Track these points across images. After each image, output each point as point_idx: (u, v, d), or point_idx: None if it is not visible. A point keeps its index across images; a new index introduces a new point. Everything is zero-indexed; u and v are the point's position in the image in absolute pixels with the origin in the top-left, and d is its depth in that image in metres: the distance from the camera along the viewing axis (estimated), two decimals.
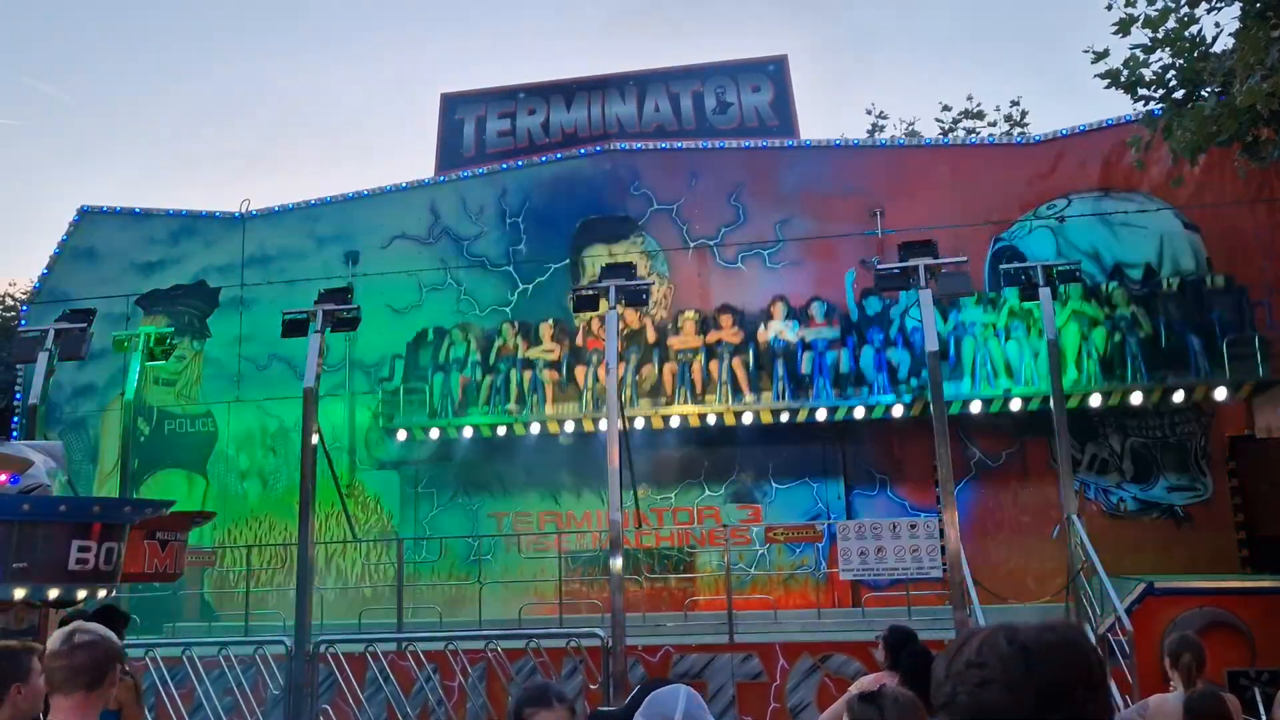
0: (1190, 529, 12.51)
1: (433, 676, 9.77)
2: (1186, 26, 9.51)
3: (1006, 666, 1.35)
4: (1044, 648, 1.36)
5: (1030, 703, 1.32)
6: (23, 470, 4.22)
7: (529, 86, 16.73)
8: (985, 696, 1.35)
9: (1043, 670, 1.34)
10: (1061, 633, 1.39)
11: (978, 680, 1.36)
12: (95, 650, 3.01)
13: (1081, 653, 1.37)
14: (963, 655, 1.40)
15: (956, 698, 1.38)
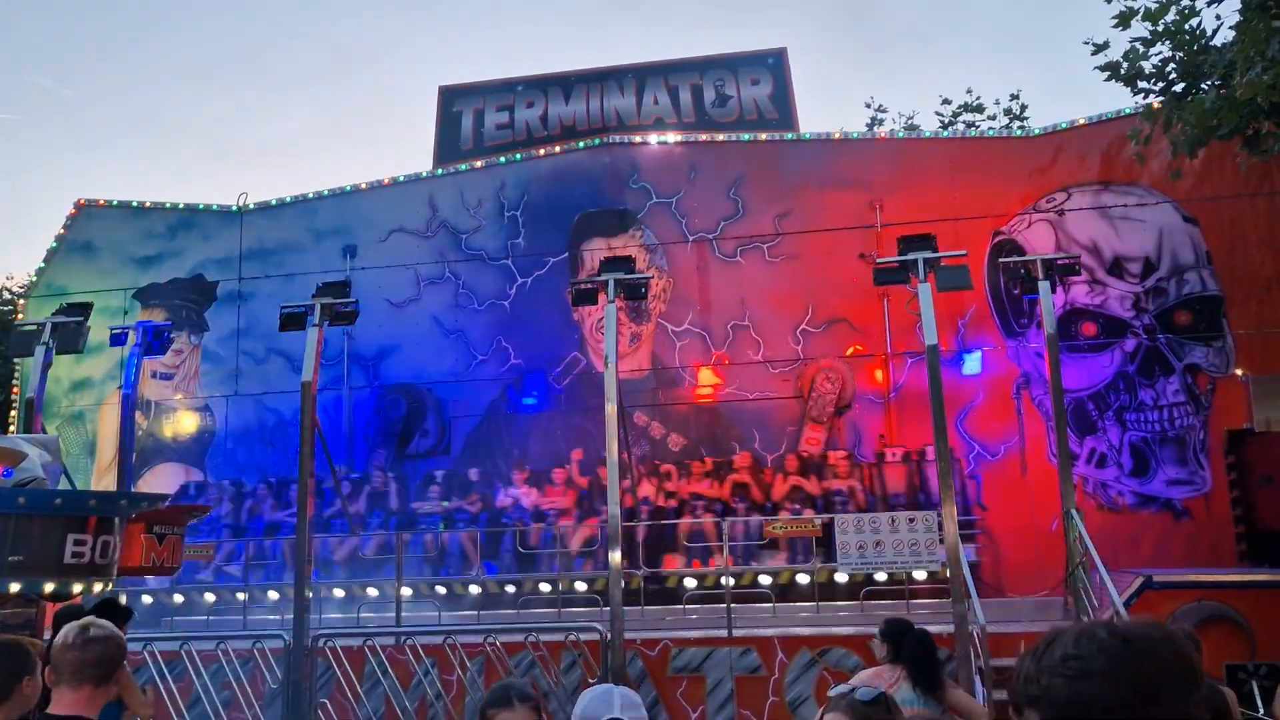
0: (1189, 522, 12.52)
1: (431, 671, 9.77)
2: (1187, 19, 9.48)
3: (1108, 657, 1.34)
4: (1145, 641, 1.36)
5: (1129, 695, 1.32)
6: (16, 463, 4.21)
7: (527, 79, 16.69)
8: (1083, 687, 1.34)
9: (1144, 663, 1.34)
10: (1162, 629, 1.40)
11: (1075, 671, 1.35)
12: (108, 646, 3.07)
13: (1183, 650, 1.37)
14: (1055, 649, 1.39)
15: (1052, 690, 1.36)
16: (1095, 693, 1.33)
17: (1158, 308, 13.05)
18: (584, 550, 12.51)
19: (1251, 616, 8.89)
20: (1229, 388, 12.70)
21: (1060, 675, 1.36)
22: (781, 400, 13.86)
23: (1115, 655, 1.34)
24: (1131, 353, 13.04)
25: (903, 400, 13.48)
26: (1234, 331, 12.84)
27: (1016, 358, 13.42)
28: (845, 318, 13.87)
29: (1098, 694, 1.33)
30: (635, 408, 13.93)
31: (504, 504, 13.27)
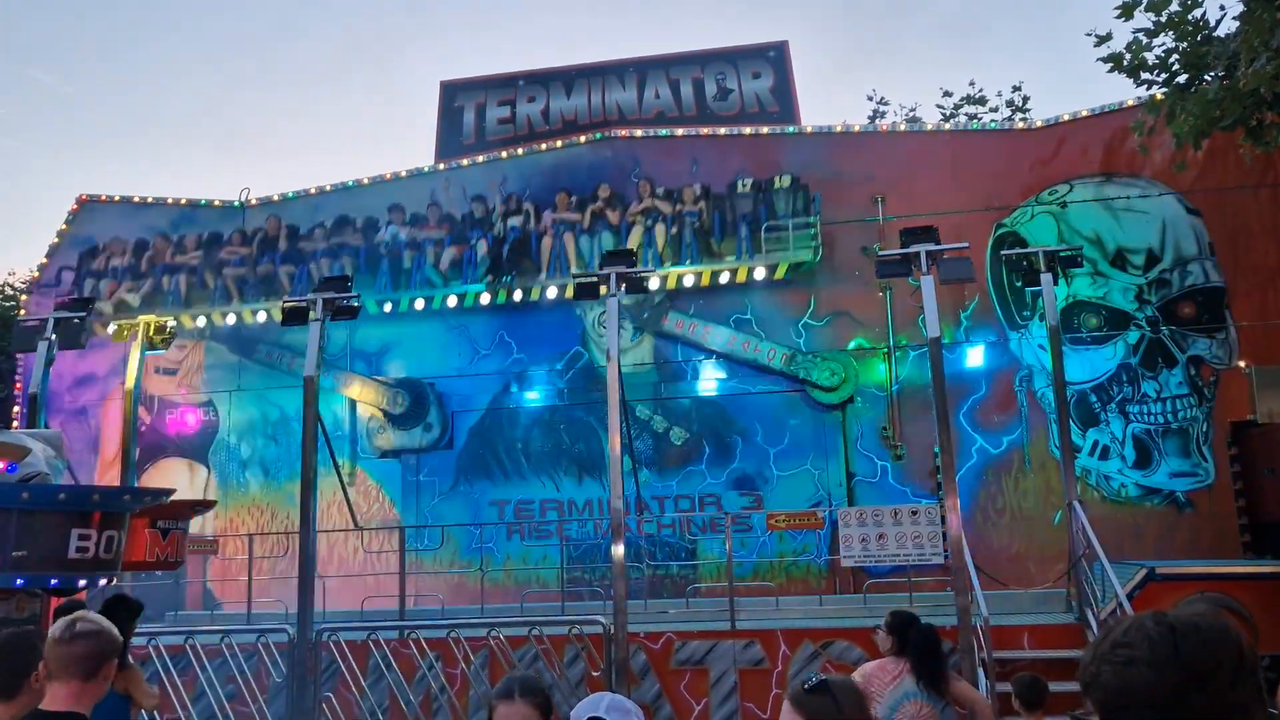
0: (1192, 514, 12.52)
1: (435, 664, 9.80)
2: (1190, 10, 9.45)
3: (1153, 646, 1.39)
4: (1191, 630, 1.39)
5: (1175, 681, 1.35)
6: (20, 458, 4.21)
7: (529, 74, 16.66)
8: (1131, 674, 1.38)
9: (1189, 651, 1.37)
10: (1210, 619, 1.43)
11: (1124, 659, 1.40)
12: (94, 641, 3.03)
13: (1230, 638, 1.39)
14: (1110, 638, 1.44)
15: (1101, 676, 1.42)
16: (1141, 679, 1.37)
17: (1161, 299, 13.04)
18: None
19: (1254, 608, 8.90)
20: (1232, 379, 12.68)
21: (1109, 663, 1.41)
22: (783, 394, 13.86)
23: (1160, 644, 1.38)
24: (1134, 345, 13.03)
25: (905, 393, 13.47)
26: (1237, 323, 12.82)
27: (1019, 350, 13.41)
28: (847, 310, 13.87)
29: (1144, 681, 1.37)
30: (637, 401, 13.93)
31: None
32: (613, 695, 2.70)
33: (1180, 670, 1.36)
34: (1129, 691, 1.38)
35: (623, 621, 9.36)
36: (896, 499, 12.57)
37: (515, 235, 14.50)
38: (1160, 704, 1.36)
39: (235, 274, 15.23)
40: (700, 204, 14.11)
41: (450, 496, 14.58)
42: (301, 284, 14.61)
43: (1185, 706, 1.35)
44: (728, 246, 13.88)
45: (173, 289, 15.35)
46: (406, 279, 14.67)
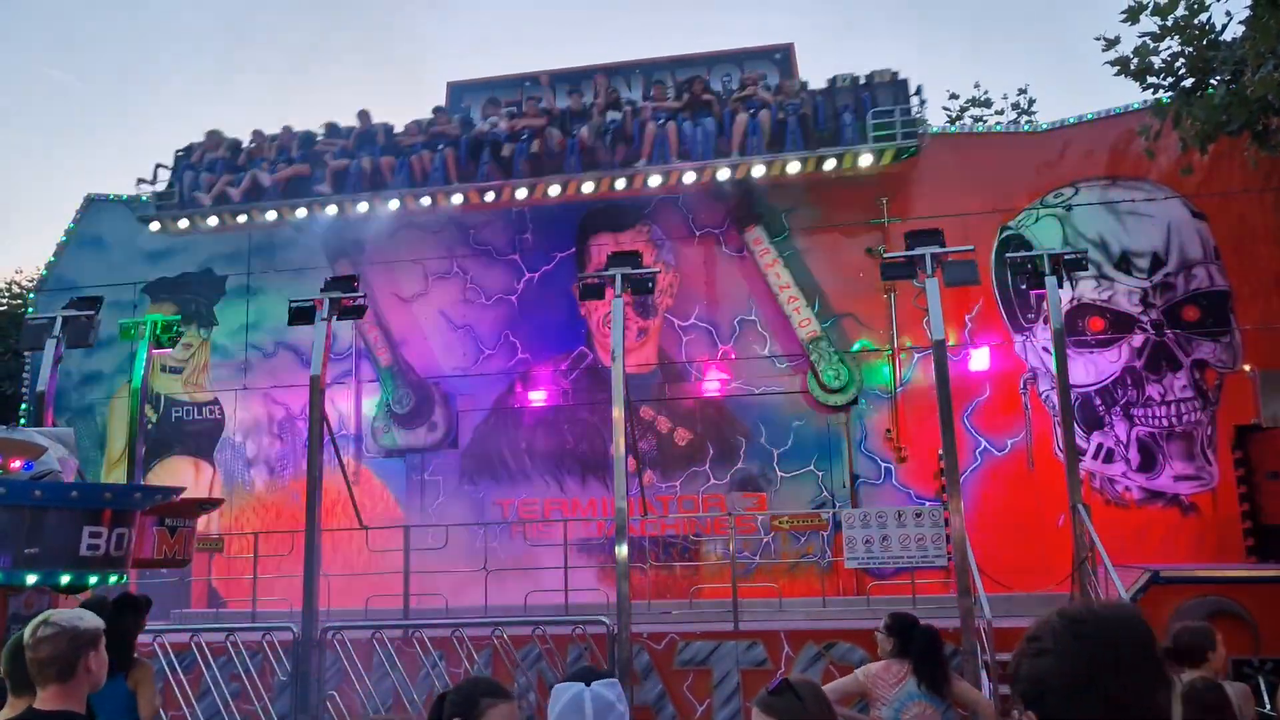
0: (1196, 517, 12.52)
1: (439, 663, 9.83)
2: (1196, 14, 9.46)
3: (1058, 637, 1.48)
4: (1093, 620, 1.48)
5: (1079, 669, 1.44)
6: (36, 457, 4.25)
7: (535, 74, 16.69)
8: (1041, 665, 1.48)
9: (1091, 640, 1.46)
10: (1113, 609, 1.51)
11: (1035, 651, 1.50)
12: (58, 642, 3.03)
13: (1131, 626, 1.47)
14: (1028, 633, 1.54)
15: (1020, 669, 1.52)
16: (1050, 669, 1.47)
17: (1165, 303, 13.05)
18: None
19: (1257, 611, 8.91)
20: (1237, 383, 12.69)
21: (1025, 655, 1.51)
22: (787, 395, 13.89)
23: (1063, 635, 1.48)
24: (1139, 348, 13.04)
25: (909, 396, 13.50)
26: (1242, 327, 12.83)
27: (1024, 353, 13.43)
28: (852, 313, 13.89)
29: (1052, 670, 1.46)
30: (642, 402, 13.97)
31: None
32: (592, 694, 2.57)
33: (1082, 659, 1.44)
34: (1040, 680, 1.47)
35: (626, 622, 9.39)
36: (900, 501, 12.60)
37: (615, 125, 14.02)
38: (1067, 691, 1.44)
39: (336, 166, 14.68)
40: (802, 94, 13.88)
41: (455, 496, 14.62)
42: (401, 175, 14.34)
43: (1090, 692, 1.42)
44: (829, 136, 13.56)
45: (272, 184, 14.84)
46: (508, 168, 14.16)
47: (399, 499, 14.78)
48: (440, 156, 14.31)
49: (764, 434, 13.87)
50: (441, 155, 14.31)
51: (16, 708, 3.18)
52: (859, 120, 13.42)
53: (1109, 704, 1.42)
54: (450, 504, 14.51)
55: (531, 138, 14.11)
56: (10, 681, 3.25)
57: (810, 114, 13.65)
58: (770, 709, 2.45)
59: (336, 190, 14.53)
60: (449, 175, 14.25)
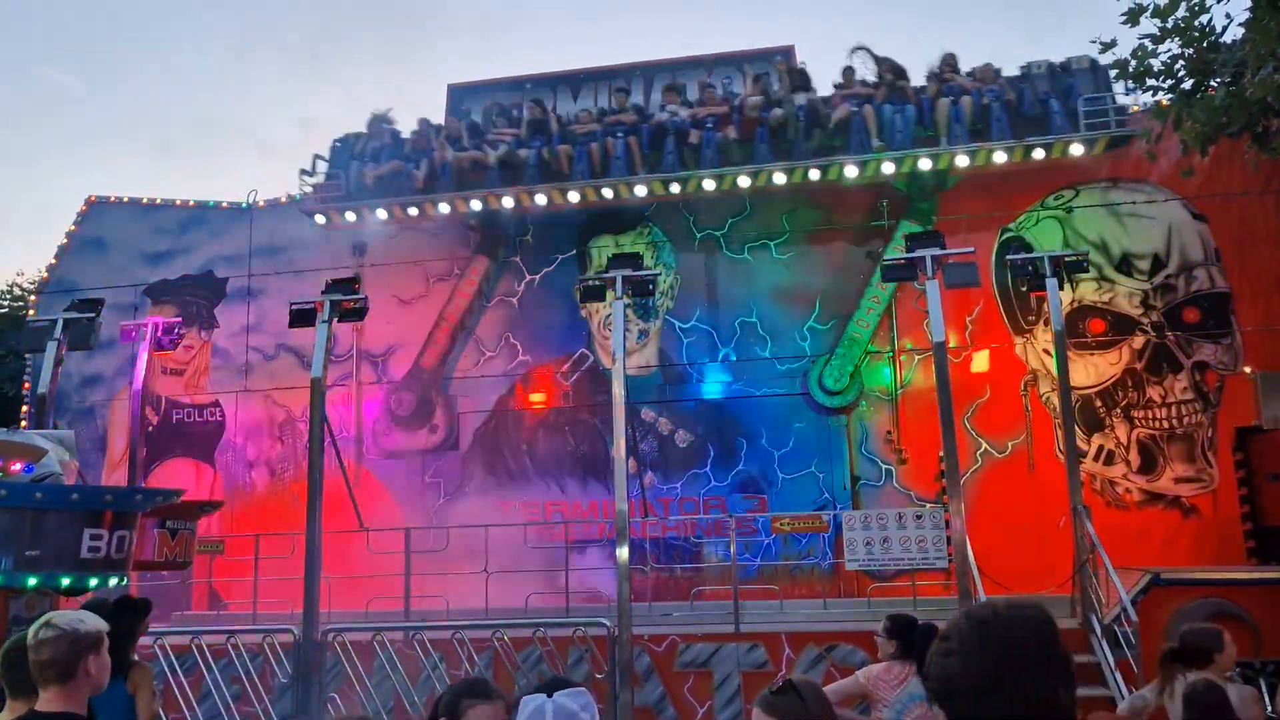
0: (1197, 519, 12.51)
1: (440, 665, 9.82)
2: (1196, 16, 9.45)
3: (964, 638, 1.53)
4: (996, 622, 1.52)
5: (983, 669, 1.49)
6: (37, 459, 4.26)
7: (535, 77, 16.70)
8: (948, 665, 1.53)
9: (994, 641, 1.50)
10: (1017, 609, 1.55)
11: (944, 651, 1.55)
12: (59, 645, 3.03)
13: (1032, 626, 1.52)
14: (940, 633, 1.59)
15: (930, 669, 1.57)
16: (957, 669, 1.51)
17: (1166, 305, 13.04)
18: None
19: (1258, 614, 8.90)
20: (1237, 385, 12.68)
21: (936, 656, 1.56)
22: (788, 397, 13.88)
23: (969, 636, 1.52)
24: (1139, 350, 13.03)
25: (909, 397, 13.49)
26: (1243, 328, 12.82)
27: (1024, 355, 13.43)
28: (852, 315, 13.88)
29: (959, 670, 1.51)
30: (643, 404, 13.97)
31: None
32: (554, 705, 2.52)
33: (986, 659, 1.49)
34: (949, 680, 1.52)
35: (627, 624, 9.39)
36: (900, 503, 12.60)
37: (804, 111, 13.12)
38: (974, 690, 1.48)
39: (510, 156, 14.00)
40: (1000, 81, 13.05)
41: (455, 498, 14.62)
42: (581, 164, 13.65)
43: (995, 692, 1.47)
44: (1036, 126, 12.78)
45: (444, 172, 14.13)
46: (696, 157, 13.40)
47: (399, 501, 14.77)
48: (622, 144, 13.50)
49: (764, 436, 13.87)
50: (624, 143, 13.51)
51: (16, 710, 3.18)
52: (1067, 108, 12.66)
53: (1013, 702, 1.46)
54: (451, 506, 14.52)
55: (718, 123, 13.35)
56: (9, 684, 3.25)
57: (1015, 100, 12.85)
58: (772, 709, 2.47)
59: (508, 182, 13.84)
60: (632, 165, 13.48)
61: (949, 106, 12.76)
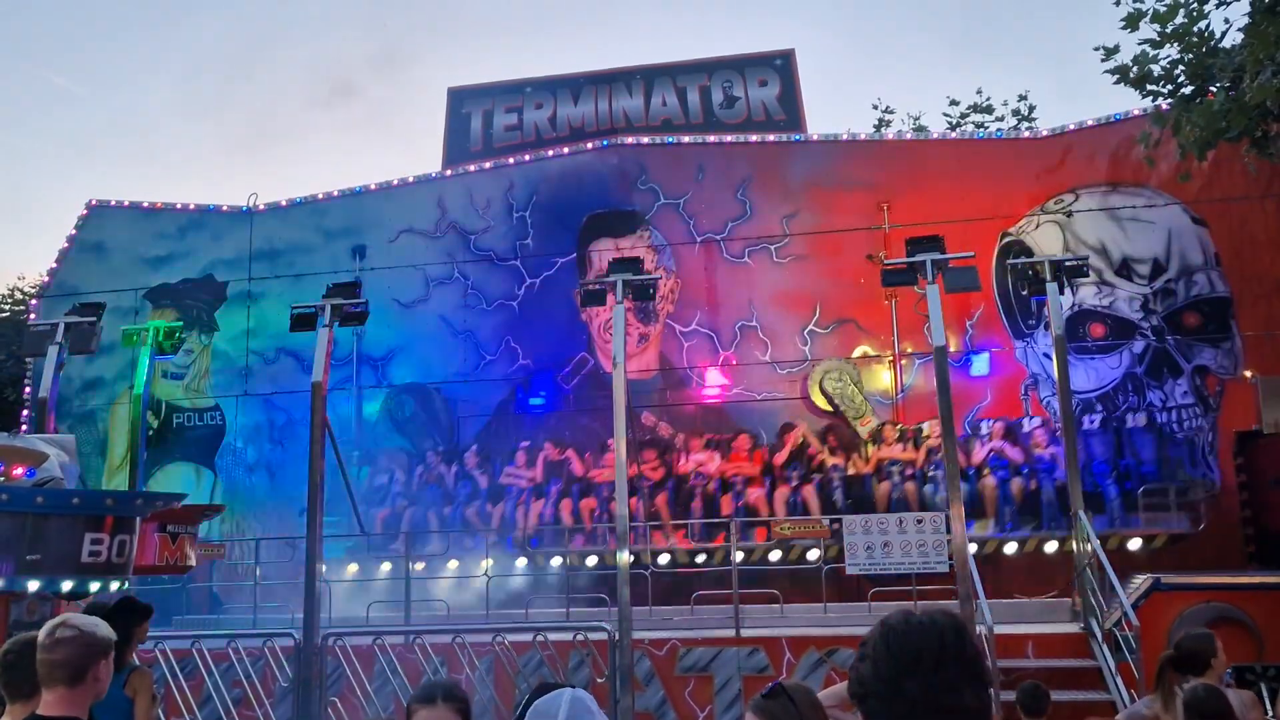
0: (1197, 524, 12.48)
1: (440, 669, 9.82)
2: (1195, 21, 9.46)
3: (874, 644, 1.65)
4: (902, 626, 1.64)
5: (889, 672, 1.60)
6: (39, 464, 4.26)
7: (536, 81, 16.73)
8: (862, 669, 1.65)
9: (896, 644, 1.62)
10: (924, 616, 1.67)
11: (860, 656, 1.67)
12: (74, 646, 3.04)
13: (933, 631, 1.62)
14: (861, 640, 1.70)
15: (850, 674, 1.69)
16: (868, 671, 1.64)
17: (1166, 309, 13.05)
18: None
19: (1259, 618, 8.90)
20: (1237, 389, 12.68)
21: (855, 660, 1.68)
22: (788, 400, 13.88)
23: (878, 641, 1.64)
24: (1140, 354, 13.04)
25: (911, 401, 13.49)
26: (1243, 333, 12.82)
27: (1025, 359, 13.43)
28: (853, 319, 13.89)
29: (869, 673, 1.63)
30: (643, 408, 13.96)
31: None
32: (570, 697, 2.63)
33: (890, 661, 1.60)
34: (862, 682, 1.64)
35: (627, 628, 9.38)
36: None
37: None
38: (882, 692, 1.60)
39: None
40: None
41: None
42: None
43: (900, 690, 1.58)
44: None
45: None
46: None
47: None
48: None
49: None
50: None
51: (16, 714, 3.17)
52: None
53: (912, 704, 1.57)
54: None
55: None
56: (6, 687, 3.23)
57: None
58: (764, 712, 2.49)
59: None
60: None
61: None
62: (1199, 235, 13.13)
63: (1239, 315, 12.88)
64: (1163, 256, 13.17)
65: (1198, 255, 13.10)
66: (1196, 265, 13.07)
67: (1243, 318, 12.86)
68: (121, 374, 15.31)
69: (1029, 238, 13.56)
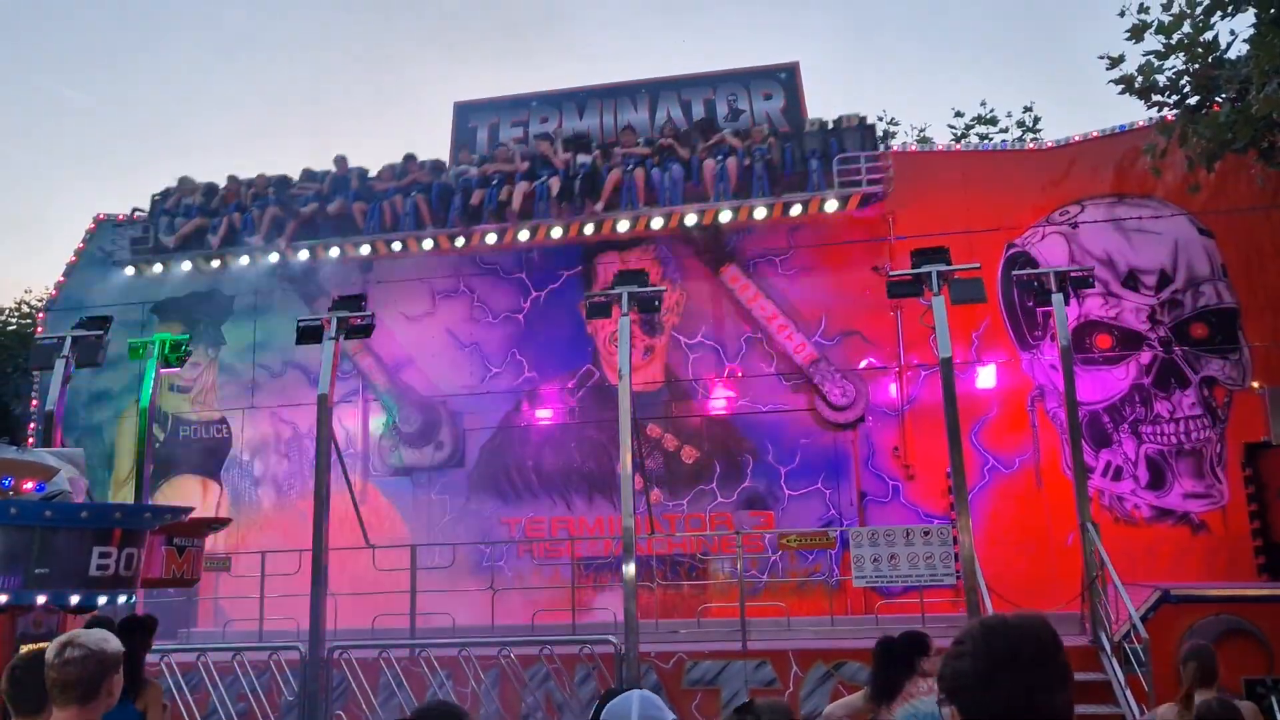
0: (1206, 536, 12.45)
1: (446, 682, 9.80)
2: (1201, 32, 9.48)
3: (976, 642, 1.74)
4: (1005, 627, 1.75)
5: (986, 668, 1.70)
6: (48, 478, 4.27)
7: (541, 94, 16.79)
8: (959, 665, 1.75)
9: (996, 643, 1.72)
10: (1024, 618, 1.78)
11: (957, 654, 1.77)
12: (85, 665, 3.02)
13: (1036, 634, 1.73)
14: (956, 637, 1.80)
15: (944, 670, 1.78)
16: (965, 668, 1.73)
17: (1173, 320, 13.02)
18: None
19: (1270, 631, 8.83)
20: (1246, 400, 12.64)
21: (949, 658, 1.78)
22: (794, 413, 13.87)
23: (977, 639, 1.74)
24: (1147, 365, 13.01)
25: (916, 413, 13.47)
26: (1250, 344, 12.79)
27: (1031, 370, 13.40)
28: (858, 330, 13.89)
29: (967, 669, 1.73)
30: (648, 420, 13.96)
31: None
32: (639, 697, 2.70)
33: (988, 659, 1.70)
34: (958, 678, 1.73)
35: (634, 641, 9.35)
36: (908, 519, 12.56)
37: (585, 170, 14.14)
38: (978, 686, 1.70)
39: (307, 211, 14.97)
40: (770, 140, 14.07)
41: (461, 514, 14.61)
42: (373, 221, 14.63)
43: (996, 687, 1.69)
44: (797, 181, 13.71)
45: (246, 226, 15.17)
46: (476, 215, 14.31)
47: (405, 518, 14.75)
48: (411, 202, 14.60)
49: (771, 452, 13.84)
50: (412, 200, 14.60)
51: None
52: (825, 165, 13.55)
53: (1009, 700, 1.67)
54: (457, 523, 14.50)
55: (501, 184, 14.33)
56: (13, 702, 3.22)
57: (778, 160, 13.86)
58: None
59: (308, 235, 14.84)
60: (420, 220, 14.53)
61: (715, 168, 13.77)
62: (1206, 246, 13.11)
63: (1246, 326, 12.85)
64: (1169, 267, 13.15)
65: (1205, 266, 13.08)
66: (1203, 276, 13.05)
67: (1250, 329, 12.83)
68: (128, 387, 15.32)
69: (1034, 249, 13.56)
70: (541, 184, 14.18)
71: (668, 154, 14.16)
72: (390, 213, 14.61)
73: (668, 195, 13.83)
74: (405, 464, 14.96)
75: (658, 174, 14.00)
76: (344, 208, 14.85)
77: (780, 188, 13.67)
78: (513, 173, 14.43)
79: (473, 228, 14.29)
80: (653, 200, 13.88)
